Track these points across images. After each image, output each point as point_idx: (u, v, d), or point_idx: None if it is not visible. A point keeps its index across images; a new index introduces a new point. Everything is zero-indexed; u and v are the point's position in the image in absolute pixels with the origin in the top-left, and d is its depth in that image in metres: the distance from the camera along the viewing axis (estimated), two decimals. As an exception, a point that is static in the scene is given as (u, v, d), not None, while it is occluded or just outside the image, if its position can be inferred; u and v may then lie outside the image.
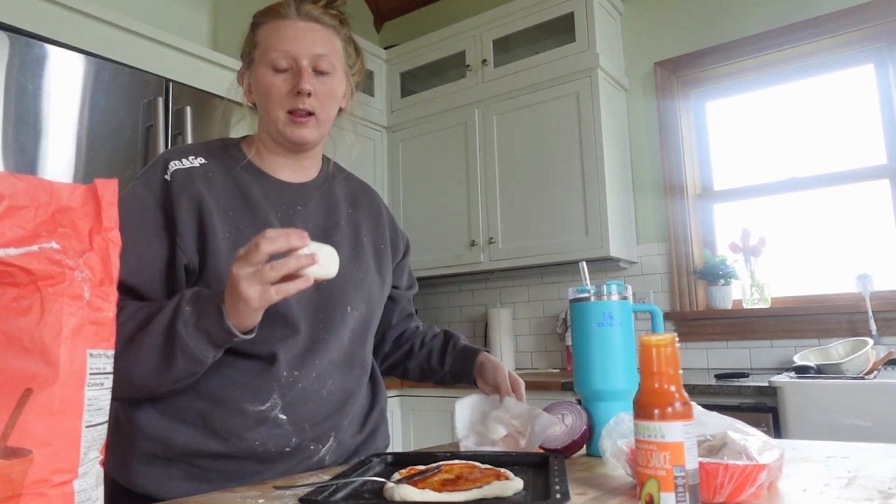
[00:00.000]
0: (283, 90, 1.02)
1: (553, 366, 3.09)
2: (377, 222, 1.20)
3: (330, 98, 1.05)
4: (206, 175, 1.03)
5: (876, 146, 2.51)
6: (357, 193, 1.20)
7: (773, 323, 2.55)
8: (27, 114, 1.79)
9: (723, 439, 0.74)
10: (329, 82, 1.05)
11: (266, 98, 1.03)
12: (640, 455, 0.61)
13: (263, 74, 1.03)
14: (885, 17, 2.45)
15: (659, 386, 0.61)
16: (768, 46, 2.66)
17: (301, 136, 1.04)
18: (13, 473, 0.54)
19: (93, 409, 0.61)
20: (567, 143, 2.77)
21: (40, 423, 0.56)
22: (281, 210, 1.06)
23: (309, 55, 1.02)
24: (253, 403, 0.96)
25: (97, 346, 0.62)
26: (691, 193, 2.85)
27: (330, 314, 1.05)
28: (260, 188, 1.06)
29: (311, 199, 1.11)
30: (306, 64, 1.02)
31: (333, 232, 1.10)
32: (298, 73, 1.01)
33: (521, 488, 0.71)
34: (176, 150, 1.06)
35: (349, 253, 1.10)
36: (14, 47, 1.78)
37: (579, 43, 2.78)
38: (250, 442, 0.95)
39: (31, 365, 0.57)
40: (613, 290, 0.97)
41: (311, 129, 1.05)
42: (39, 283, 0.58)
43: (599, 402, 0.96)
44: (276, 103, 1.02)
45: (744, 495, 0.65)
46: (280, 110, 1.02)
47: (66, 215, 0.62)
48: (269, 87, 1.02)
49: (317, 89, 1.03)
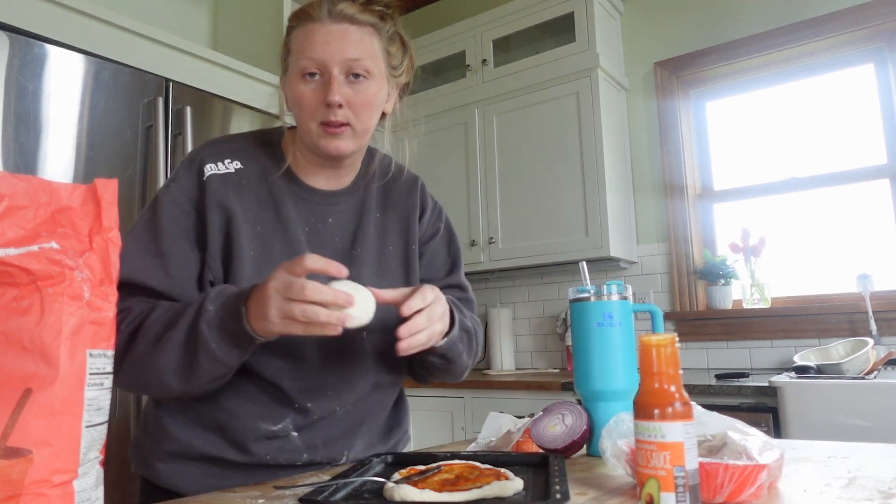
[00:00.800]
0: (313, 101, 0.95)
1: (553, 366, 3.09)
2: (409, 219, 1.12)
3: (367, 107, 0.97)
4: (240, 183, 0.99)
5: (876, 146, 2.51)
6: (393, 192, 1.12)
7: (773, 323, 2.55)
8: (27, 114, 1.79)
9: (723, 439, 0.74)
10: (365, 90, 0.96)
11: (297, 109, 0.98)
12: (640, 455, 0.61)
13: (294, 85, 0.96)
14: (884, 17, 2.45)
15: (659, 386, 0.61)
16: (768, 46, 2.66)
17: (336, 148, 0.97)
18: (13, 473, 0.54)
19: (93, 409, 0.61)
20: (567, 143, 2.77)
21: (40, 423, 0.56)
22: (309, 223, 1.02)
23: (340, 61, 0.94)
24: (266, 422, 0.97)
25: (97, 346, 0.62)
26: (691, 193, 2.85)
27: (344, 343, 1.00)
28: (292, 199, 1.02)
29: (341, 209, 1.06)
30: (337, 72, 0.94)
31: (359, 244, 1.05)
32: (328, 82, 0.94)
33: (521, 488, 0.71)
34: (212, 150, 1.01)
35: (371, 269, 1.05)
36: (14, 47, 1.78)
37: (579, 43, 2.78)
38: (262, 455, 0.97)
39: (31, 365, 0.57)
40: (613, 290, 0.97)
41: (347, 140, 0.98)
42: (39, 283, 0.58)
43: (599, 402, 0.95)
44: (307, 115, 0.96)
45: (744, 495, 0.65)
46: (312, 122, 0.96)
47: (65, 215, 0.62)
48: (299, 97, 0.96)
49: (350, 99, 0.95)
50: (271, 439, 0.97)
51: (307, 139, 0.99)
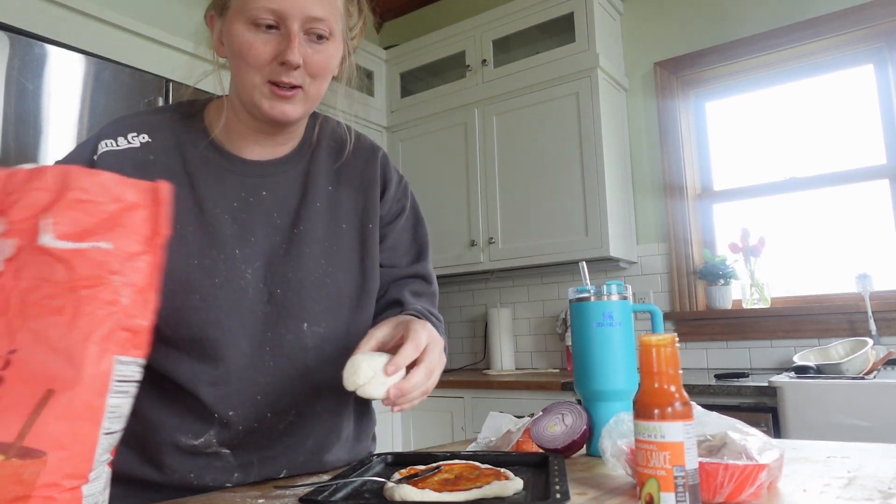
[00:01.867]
0: (263, 55, 0.81)
1: (553, 366, 3.09)
2: (367, 194, 0.97)
3: (324, 71, 0.86)
4: (146, 158, 0.86)
5: (875, 146, 2.52)
6: (349, 163, 0.98)
7: (772, 323, 2.56)
8: (27, 114, 1.79)
9: (723, 439, 0.74)
10: (325, 51, 0.84)
11: (240, 60, 0.83)
12: (640, 455, 0.61)
13: (240, 31, 0.82)
14: (884, 17, 2.45)
15: (659, 386, 0.61)
16: (768, 46, 2.66)
17: (283, 112, 0.84)
18: (25, 474, 0.53)
19: (114, 417, 0.59)
20: (567, 143, 2.77)
21: (58, 426, 0.55)
22: (238, 199, 0.88)
23: (302, 17, 0.81)
24: (186, 436, 0.84)
25: (127, 353, 0.60)
26: (691, 193, 2.85)
27: (280, 334, 0.87)
28: (215, 171, 0.88)
29: (278, 181, 0.91)
30: (297, 28, 0.81)
31: (303, 221, 0.91)
32: (287, 37, 0.81)
33: (521, 488, 0.71)
34: (116, 125, 0.88)
35: (318, 250, 0.91)
36: (14, 47, 1.78)
37: (579, 43, 2.78)
38: (183, 474, 0.84)
39: (56, 366, 0.56)
40: (613, 290, 0.97)
41: (297, 104, 0.85)
42: (77, 283, 0.57)
43: (599, 402, 0.96)
44: (252, 68, 0.82)
45: (744, 495, 0.65)
46: (257, 76, 0.82)
47: (130, 215, 0.60)
48: (245, 47, 0.81)
49: (309, 59, 0.83)
50: (194, 455, 0.84)
51: (246, 96, 0.85)
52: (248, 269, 0.87)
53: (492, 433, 1.07)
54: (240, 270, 0.86)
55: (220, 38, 0.87)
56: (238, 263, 0.86)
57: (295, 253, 0.89)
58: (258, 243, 0.88)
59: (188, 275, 0.84)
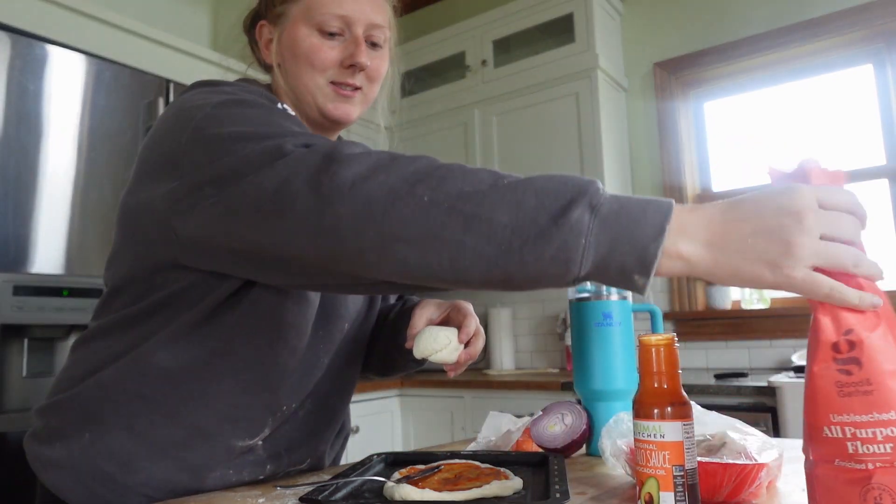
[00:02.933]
0: (330, 58, 0.86)
1: (553, 366, 3.09)
2: None
3: (380, 75, 0.92)
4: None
5: (875, 146, 2.52)
6: None
7: (772, 323, 2.56)
8: (28, 114, 1.80)
9: (722, 439, 0.74)
10: (381, 56, 0.91)
11: (306, 63, 0.86)
12: (640, 455, 0.61)
13: (306, 35, 0.86)
14: (883, 18, 2.45)
15: (658, 386, 0.61)
16: (768, 47, 2.66)
17: (346, 112, 0.89)
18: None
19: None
20: (567, 143, 2.77)
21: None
22: None
23: (366, 24, 0.87)
24: (243, 438, 0.82)
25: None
26: (690, 194, 2.85)
27: (331, 332, 0.90)
28: None
29: None
30: (361, 32, 0.87)
31: None
32: (354, 42, 0.86)
33: (520, 488, 0.71)
34: (260, 93, 0.84)
35: None
36: (15, 48, 1.78)
37: (579, 43, 2.78)
38: (225, 473, 0.82)
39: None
40: (613, 290, 0.97)
41: (356, 105, 0.90)
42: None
43: (599, 401, 0.96)
44: (316, 69, 0.86)
45: (743, 495, 0.66)
46: (321, 78, 0.86)
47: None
48: (314, 50, 0.85)
49: (369, 63, 0.88)
50: (241, 455, 0.83)
51: (308, 98, 0.88)
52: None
53: (492, 433, 1.08)
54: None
55: (269, 44, 0.91)
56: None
57: None
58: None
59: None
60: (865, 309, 0.52)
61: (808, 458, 0.54)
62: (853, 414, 0.51)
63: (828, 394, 0.52)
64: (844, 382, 0.51)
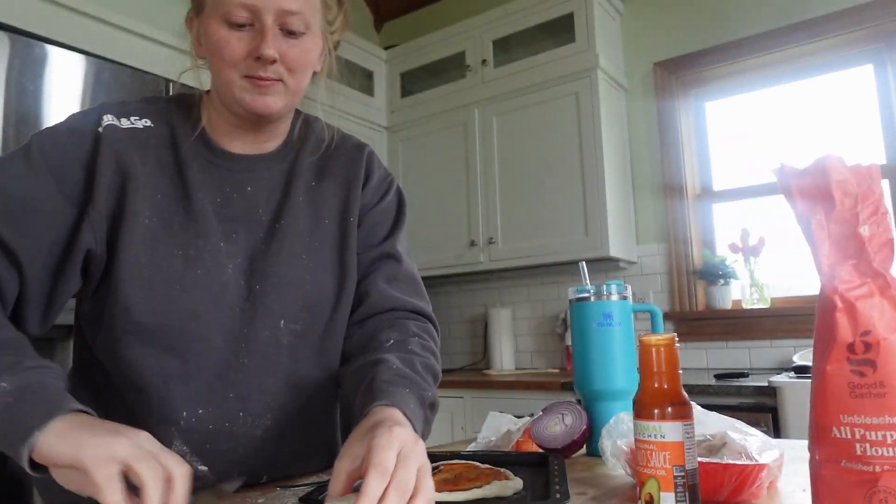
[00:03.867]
0: (238, 52, 0.81)
1: (553, 366, 3.09)
2: (350, 188, 0.96)
3: (302, 65, 0.84)
4: (147, 142, 0.85)
5: (875, 146, 2.52)
6: (334, 160, 0.97)
7: (772, 323, 2.56)
8: (27, 114, 1.80)
9: (722, 439, 0.74)
10: (301, 45, 0.83)
11: (217, 58, 0.83)
12: (640, 455, 0.61)
13: (215, 29, 0.81)
14: (883, 18, 2.45)
15: (659, 386, 0.61)
16: (768, 46, 2.66)
17: (265, 105, 0.83)
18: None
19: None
20: (567, 143, 2.77)
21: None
22: (222, 193, 0.88)
23: (275, 10, 0.80)
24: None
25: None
26: (691, 193, 2.85)
27: (257, 330, 0.85)
28: (202, 165, 0.88)
29: (262, 176, 0.91)
30: (271, 21, 0.80)
31: (285, 215, 0.90)
32: (261, 32, 0.80)
33: (521, 488, 0.71)
34: (119, 106, 0.86)
35: (299, 246, 0.90)
36: (14, 47, 1.78)
37: (579, 43, 2.78)
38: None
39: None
40: (613, 290, 0.97)
41: (277, 96, 0.84)
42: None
43: (599, 402, 0.96)
44: (228, 65, 0.82)
45: (743, 495, 0.66)
46: (234, 73, 0.82)
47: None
48: (220, 44, 0.81)
49: (285, 54, 0.82)
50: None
51: (226, 93, 0.85)
52: (230, 264, 0.86)
53: (492, 433, 1.08)
54: (223, 265, 0.85)
55: (199, 37, 0.87)
56: (222, 257, 0.85)
57: (276, 248, 0.88)
58: (241, 238, 0.87)
59: (172, 264, 0.82)
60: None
61: (814, 457, 0.54)
62: (864, 415, 0.50)
63: (839, 394, 0.52)
64: (857, 384, 0.51)
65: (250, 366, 0.85)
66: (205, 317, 0.83)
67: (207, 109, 0.90)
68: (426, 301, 0.99)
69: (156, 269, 0.81)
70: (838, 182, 0.56)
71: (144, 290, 0.81)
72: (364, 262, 0.96)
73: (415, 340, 0.90)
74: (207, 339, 0.83)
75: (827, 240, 0.56)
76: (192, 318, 0.82)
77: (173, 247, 0.83)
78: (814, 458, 0.54)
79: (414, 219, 3.11)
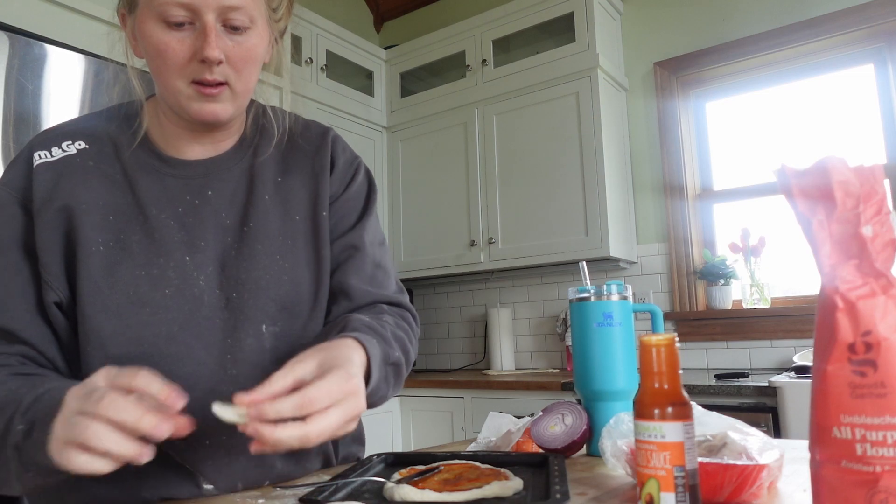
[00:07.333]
0: (180, 55, 0.75)
1: (553, 366, 3.09)
2: (319, 178, 0.91)
3: (249, 62, 0.79)
4: (86, 165, 0.81)
5: (875, 146, 2.52)
6: (298, 149, 0.92)
7: (773, 323, 2.55)
8: (27, 114, 1.79)
9: (723, 439, 0.74)
10: (246, 41, 0.78)
11: (159, 63, 0.77)
12: (640, 455, 0.61)
13: (152, 31, 0.75)
14: (884, 17, 2.45)
15: (659, 386, 0.61)
16: (768, 46, 2.66)
17: (213, 113, 0.79)
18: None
19: None
20: (567, 143, 2.77)
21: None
22: (184, 203, 0.83)
23: (216, 7, 0.74)
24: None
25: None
26: (691, 193, 2.85)
27: (240, 339, 0.82)
28: (155, 176, 0.83)
29: (223, 178, 0.86)
30: (212, 19, 0.74)
31: (252, 217, 0.86)
32: (203, 32, 0.74)
33: (521, 488, 0.71)
34: (45, 136, 0.83)
35: (271, 247, 0.86)
36: (14, 47, 1.78)
37: (579, 43, 2.78)
38: (148, 487, 0.78)
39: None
40: (613, 290, 0.97)
41: (225, 103, 0.79)
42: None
43: (599, 402, 0.95)
44: (172, 71, 0.76)
45: (744, 495, 0.65)
46: (179, 80, 0.77)
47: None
48: (161, 49, 0.75)
49: (230, 53, 0.77)
50: (165, 470, 0.78)
51: (172, 101, 0.80)
52: (200, 276, 0.82)
53: (492, 433, 1.07)
54: (192, 278, 0.81)
55: (134, 36, 0.81)
56: (189, 270, 0.81)
57: (247, 252, 0.84)
58: (209, 247, 0.83)
59: (136, 288, 0.79)
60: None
61: (815, 458, 0.54)
62: (864, 416, 0.50)
63: (840, 394, 0.52)
64: (858, 384, 0.51)
65: (239, 376, 0.81)
66: (180, 336, 0.79)
67: (156, 115, 0.86)
68: (401, 290, 0.97)
69: (121, 294, 0.78)
70: (840, 182, 0.55)
71: (112, 319, 0.77)
72: (334, 252, 0.92)
73: (388, 318, 0.89)
74: (189, 358, 0.80)
75: (828, 240, 0.56)
76: (167, 340, 0.79)
77: (134, 267, 0.79)
78: (814, 459, 0.54)
79: (414, 219, 3.14)
